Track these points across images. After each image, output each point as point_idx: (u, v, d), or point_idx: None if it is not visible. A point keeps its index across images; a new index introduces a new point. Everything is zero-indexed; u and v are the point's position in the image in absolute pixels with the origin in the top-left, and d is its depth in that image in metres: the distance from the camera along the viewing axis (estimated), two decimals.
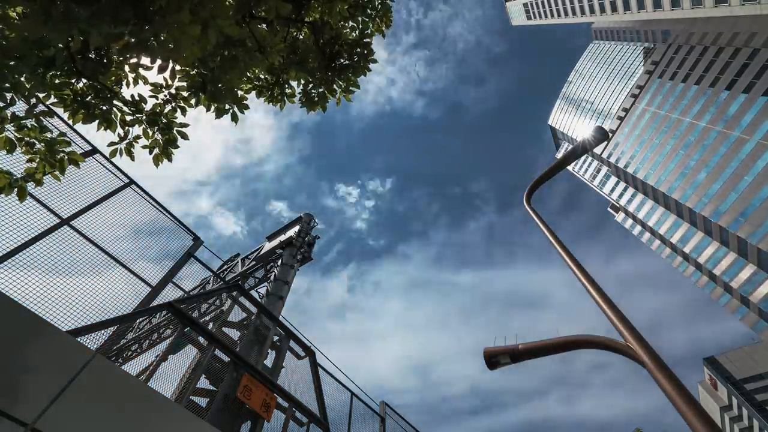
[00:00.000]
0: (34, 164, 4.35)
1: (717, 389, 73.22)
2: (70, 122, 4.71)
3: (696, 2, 53.43)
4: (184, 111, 4.78)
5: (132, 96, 4.51)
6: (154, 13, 3.04)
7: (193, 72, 4.45)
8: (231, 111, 4.71)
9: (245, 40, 4.32)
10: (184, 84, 4.50)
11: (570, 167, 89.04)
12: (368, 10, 6.20)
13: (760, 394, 64.89)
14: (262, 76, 5.77)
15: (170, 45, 3.15)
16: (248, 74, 5.57)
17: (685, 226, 61.81)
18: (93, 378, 3.79)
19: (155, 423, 4.20)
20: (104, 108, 4.27)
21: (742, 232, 50.02)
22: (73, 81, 4.02)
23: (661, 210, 66.81)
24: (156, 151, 4.75)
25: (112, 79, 4.37)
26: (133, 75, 4.43)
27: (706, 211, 55.37)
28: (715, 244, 56.70)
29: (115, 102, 4.34)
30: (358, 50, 5.77)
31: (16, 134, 4.15)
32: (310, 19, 5.63)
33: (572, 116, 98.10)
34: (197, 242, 8.26)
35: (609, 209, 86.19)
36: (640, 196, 71.61)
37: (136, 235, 7.03)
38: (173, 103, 4.75)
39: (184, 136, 4.75)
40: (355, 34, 6.20)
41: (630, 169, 70.67)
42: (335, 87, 5.87)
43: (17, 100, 3.74)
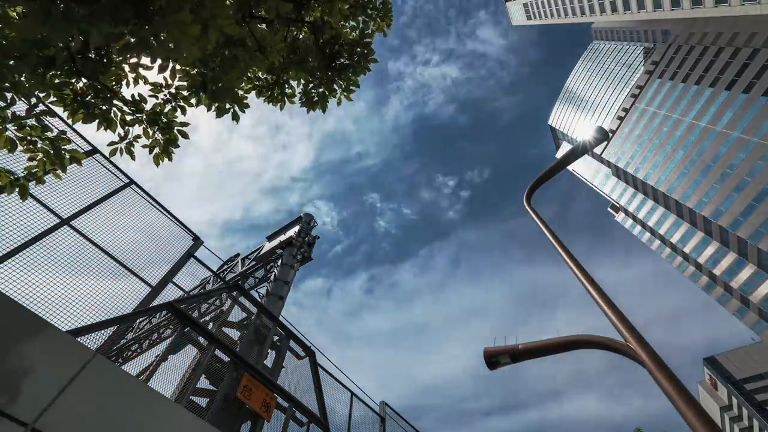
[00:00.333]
0: (35, 162, 4.35)
1: (717, 389, 73.27)
2: (70, 122, 4.71)
3: (696, 2, 53.41)
4: (184, 110, 4.78)
5: (132, 96, 4.51)
6: (154, 13, 3.04)
7: (194, 71, 4.45)
8: (231, 110, 4.71)
9: (245, 40, 4.33)
10: (185, 83, 4.50)
11: (570, 167, 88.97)
12: (368, 10, 6.19)
13: (760, 394, 64.95)
14: (262, 76, 5.77)
15: (170, 45, 3.16)
16: (248, 74, 5.58)
17: (685, 226, 61.84)
18: (93, 378, 3.78)
19: (155, 423, 4.19)
20: (104, 108, 4.27)
21: (742, 232, 50.04)
22: (73, 81, 4.01)
23: (661, 210, 66.84)
24: (156, 151, 4.75)
25: (112, 78, 4.37)
26: (133, 75, 4.44)
27: (706, 211, 55.39)
28: (715, 244, 56.73)
29: (115, 102, 4.34)
30: (359, 50, 5.78)
31: (17, 134, 4.15)
32: (310, 18, 5.63)
33: (572, 116, 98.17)
34: (197, 242, 8.26)
35: (609, 209, 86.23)
36: (640, 196, 71.63)
37: (136, 235, 7.03)
38: (173, 103, 4.75)
39: (185, 135, 4.76)
40: (355, 34, 6.20)
41: (630, 169, 70.68)
42: (335, 87, 5.88)
43: (17, 99, 3.74)
